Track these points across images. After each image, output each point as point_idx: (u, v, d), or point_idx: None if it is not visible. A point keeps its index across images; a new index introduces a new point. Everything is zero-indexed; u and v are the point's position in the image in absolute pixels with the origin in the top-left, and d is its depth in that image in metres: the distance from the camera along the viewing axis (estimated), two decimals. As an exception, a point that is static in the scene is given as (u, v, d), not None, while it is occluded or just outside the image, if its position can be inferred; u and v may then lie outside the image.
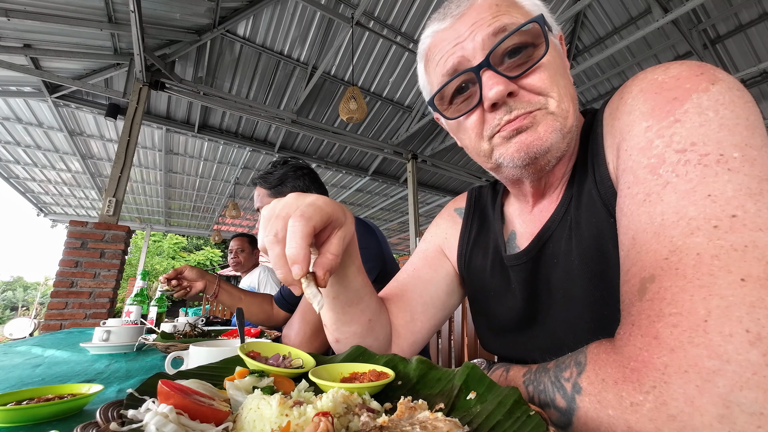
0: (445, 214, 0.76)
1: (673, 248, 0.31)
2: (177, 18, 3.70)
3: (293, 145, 6.04)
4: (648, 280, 0.32)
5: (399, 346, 0.65)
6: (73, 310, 3.09)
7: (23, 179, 6.88)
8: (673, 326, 0.28)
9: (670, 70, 0.40)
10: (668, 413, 0.26)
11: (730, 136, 0.33)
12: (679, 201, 0.32)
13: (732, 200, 0.30)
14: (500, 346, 0.63)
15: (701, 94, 0.36)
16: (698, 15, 4.08)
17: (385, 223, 10.04)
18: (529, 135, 0.46)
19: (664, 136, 0.36)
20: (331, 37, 4.23)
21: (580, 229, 0.48)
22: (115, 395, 0.59)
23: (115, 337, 1.04)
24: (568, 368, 0.35)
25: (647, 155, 0.37)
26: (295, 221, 0.39)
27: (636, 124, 0.40)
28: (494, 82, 0.44)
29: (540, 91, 0.45)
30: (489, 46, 0.46)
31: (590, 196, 0.47)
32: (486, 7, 0.47)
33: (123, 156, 3.55)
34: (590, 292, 0.46)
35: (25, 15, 3.28)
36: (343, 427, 0.30)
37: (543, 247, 0.53)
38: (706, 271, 0.28)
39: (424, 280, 0.69)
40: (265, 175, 1.35)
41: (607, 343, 0.34)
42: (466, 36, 0.47)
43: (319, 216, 0.40)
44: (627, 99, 0.43)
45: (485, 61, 0.45)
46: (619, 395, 0.29)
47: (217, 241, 8.10)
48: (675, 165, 0.34)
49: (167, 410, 0.28)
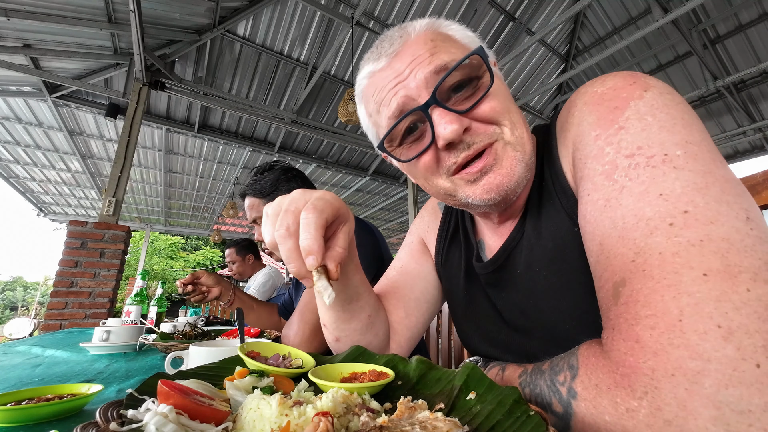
0: (429, 207, 0.76)
1: (638, 250, 0.32)
2: (177, 18, 3.70)
3: (293, 145, 6.04)
4: (620, 284, 0.33)
5: (397, 341, 0.66)
6: (73, 310, 3.09)
7: (23, 179, 6.87)
8: (651, 328, 0.29)
9: (606, 82, 0.43)
10: (664, 419, 0.26)
11: (670, 135, 0.35)
12: (636, 203, 0.34)
13: (682, 197, 0.32)
14: (478, 345, 0.63)
15: (637, 101, 0.39)
16: (698, 15, 4.08)
17: (384, 223, 10.04)
18: (496, 175, 0.45)
19: (612, 143, 0.38)
20: (331, 37, 4.23)
21: (542, 240, 0.49)
22: (115, 395, 0.59)
23: (114, 337, 1.04)
24: (562, 371, 0.36)
25: (601, 162, 0.39)
26: (308, 213, 0.39)
27: (586, 134, 0.42)
28: (447, 120, 0.43)
29: (493, 121, 0.45)
30: (432, 83, 0.44)
31: (553, 207, 0.48)
32: (422, 43, 0.46)
33: (123, 156, 3.55)
34: (556, 302, 0.47)
35: (25, 15, 3.27)
36: (342, 427, 0.30)
37: (508, 258, 0.54)
38: (670, 269, 0.29)
39: (412, 275, 0.70)
40: (254, 183, 1.31)
41: (597, 346, 0.35)
42: (407, 75, 0.45)
43: (330, 209, 0.41)
44: (574, 112, 0.45)
45: (432, 99, 0.43)
46: (613, 401, 0.30)
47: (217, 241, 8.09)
48: (627, 169, 0.36)
49: (167, 410, 0.28)
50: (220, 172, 6.81)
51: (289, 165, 1.38)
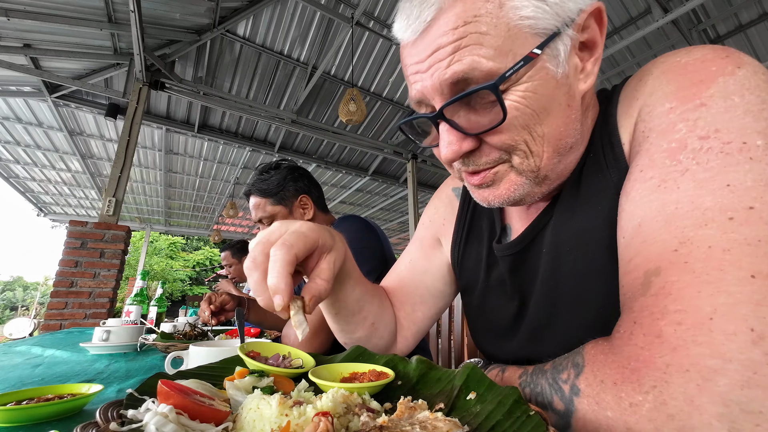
0: (443, 195, 0.72)
1: (684, 239, 0.30)
2: (177, 18, 3.69)
3: (293, 145, 6.04)
4: (653, 273, 0.31)
5: (403, 336, 0.66)
6: (73, 310, 3.09)
7: (23, 179, 6.87)
8: (677, 324, 0.27)
9: (693, 53, 0.38)
10: (667, 413, 0.26)
11: (754, 122, 0.31)
12: (696, 190, 0.31)
13: (750, 191, 0.29)
14: (490, 345, 0.61)
15: (727, 77, 0.34)
16: (698, 15, 4.08)
17: (385, 223, 10.03)
18: (490, 192, 0.43)
19: (688, 119, 0.34)
20: (331, 37, 4.23)
21: (577, 218, 0.44)
22: (115, 395, 0.59)
23: (114, 337, 1.04)
24: (566, 370, 0.35)
25: (667, 138, 0.35)
26: (276, 250, 0.37)
27: (657, 104, 0.38)
28: (448, 142, 0.40)
29: (502, 148, 0.41)
30: (446, 93, 0.39)
31: (600, 181, 0.43)
32: (451, 25, 0.37)
33: (123, 156, 3.55)
34: (582, 288, 0.43)
35: (25, 15, 3.27)
36: (342, 427, 0.30)
37: (535, 238, 0.50)
38: (716, 265, 0.27)
39: (420, 271, 0.69)
40: (260, 183, 1.28)
41: (605, 343, 0.33)
42: (426, 68, 0.39)
43: (302, 243, 0.39)
44: (647, 80, 0.40)
45: (440, 113, 0.40)
46: (618, 396, 0.29)
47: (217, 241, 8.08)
48: (697, 152, 0.32)
49: (167, 410, 0.28)
50: (220, 172, 6.81)
51: (296, 164, 1.37)
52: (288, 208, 1.29)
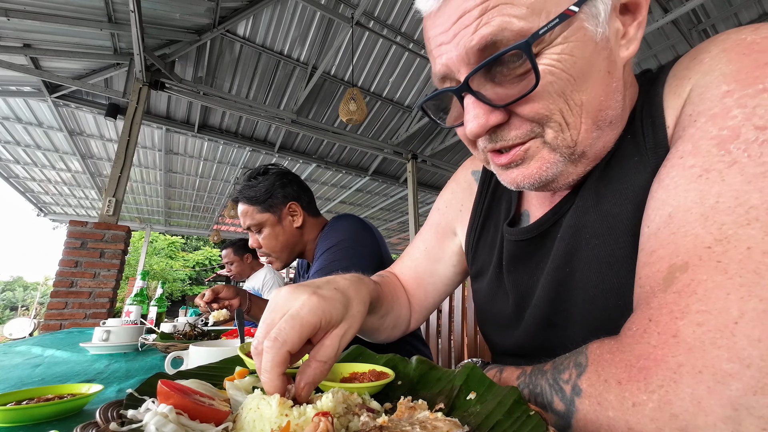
0: (461, 178, 0.70)
1: (721, 237, 0.27)
2: (177, 18, 3.69)
3: (293, 145, 6.04)
4: (679, 268, 0.29)
5: (416, 318, 0.71)
6: (73, 310, 3.09)
7: (23, 179, 6.87)
8: (698, 325, 0.26)
9: (761, 30, 0.33)
10: (671, 412, 0.25)
11: None
12: (743, 185, 0.28)
13: None
14: (496, 334, 0.59)
15: None
16: (698, 15, 4.08)
17: (384, 223, 10.04)
18: (520, 172, 0.40)
19: (746, 106, 0.30)
20: (331, 37, 4.23)
21: (603, 204, 0.41)
22: (115, 395, 0.59)
23: (114, 337, 1.04)
24: (567, 369, 0.34)
25: (718, 125, 0.31)
26: (267, 351, 0.33)
27: (712, 86, 0.34)
28: (474, 115, 0.37)
29: (535, 120, 0.37)
30: (473, 60, 0.36)
31: (635, 164, 0.40)
32: None
33: (123, 156, 3.55)
34: (600, 277, 0.40)
35: (25, 15, 3.27)
36: (342, 427, 0.30)
37: (555, 224, 0.47)
38: (752, 268, 0.25)
39: (434, 259, 0.71)
40: (247, 190, 1.23)
41: (611, 342, 0.32)
42: (451, 37, 0.36)
43: (296, 335, 0.34)
44: (703, 58, 0.36)
45: (465, 85, 0.37)
46: (621, 396, 0.28)
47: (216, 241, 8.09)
48: (750, 143, 0.29)
49: (167, 410, 0.28)
50: (220, 172, 6.81)
51: (285, 169, 1.32)
52: (276, 215, 1.25)
